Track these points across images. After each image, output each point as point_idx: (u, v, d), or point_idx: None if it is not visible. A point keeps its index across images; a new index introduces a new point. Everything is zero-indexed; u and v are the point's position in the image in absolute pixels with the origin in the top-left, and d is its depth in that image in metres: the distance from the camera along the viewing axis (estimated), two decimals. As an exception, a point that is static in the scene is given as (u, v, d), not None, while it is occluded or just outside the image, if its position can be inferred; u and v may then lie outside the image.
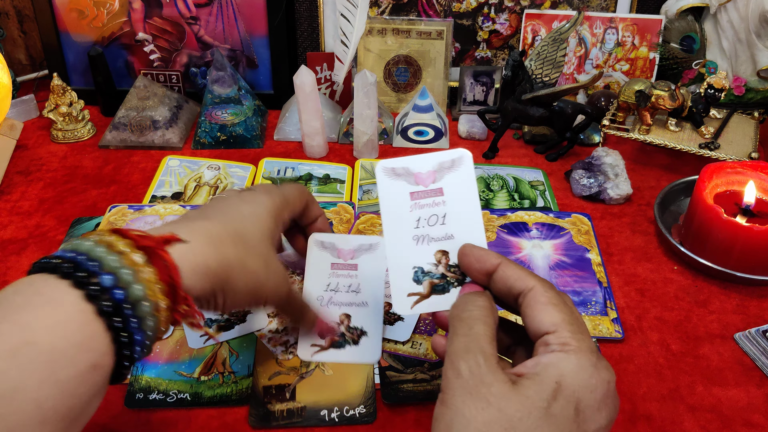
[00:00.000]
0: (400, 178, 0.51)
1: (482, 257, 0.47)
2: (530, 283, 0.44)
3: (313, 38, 1.14)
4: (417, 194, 0.51)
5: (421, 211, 0.51)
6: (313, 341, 0.59)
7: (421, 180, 0.51)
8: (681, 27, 1.09)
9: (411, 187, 0.51)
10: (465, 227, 0.50)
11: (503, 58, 1.15)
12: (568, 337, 0.42)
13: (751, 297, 0.75)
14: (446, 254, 0.50)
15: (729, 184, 0.83)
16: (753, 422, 0.61)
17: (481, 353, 0.41)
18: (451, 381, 0.41)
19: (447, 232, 0.50)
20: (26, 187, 0.93)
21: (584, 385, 0.40)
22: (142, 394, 0.62)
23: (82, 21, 1.10)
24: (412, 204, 0.51)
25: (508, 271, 0.46)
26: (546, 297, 0.43)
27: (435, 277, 0.50)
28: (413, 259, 0.50)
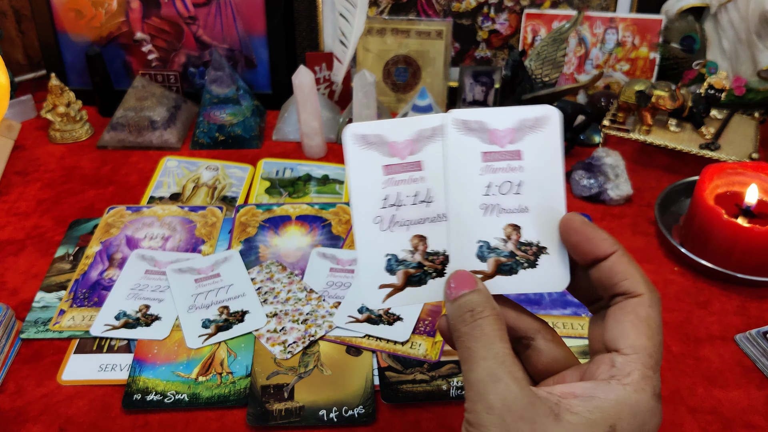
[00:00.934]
0: (472, 134, 0.42)
1: (595, 238, 0.39)
2: (641, 289, 0.38)
3: (311, 38, 1.14)
4: (490, 155, 0.42)
5: (494, 176, 0.43)
6: (381, 281, 0.44)
7: (497, 139, 0.43)
8: (681, 27, 1.08)
9: (484, 146, 0.42)
10: (544, 200, 0.43)
11: (503, 58, 1.15)
12: (640, 371, 0.36)
13: (752, 298, 0.75)
14: (517, 230, 0.43)
15: (729, 184, 0.83)
16: (753, 424, 0.61)
17: (513, 379, 0.36)
18: (483, 416, 0.35)
19: (521, 204, 0.43)
20: (24, 188, 0.93)
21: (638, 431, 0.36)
22: (140, 396, 0.62)
23: (80, 21, 1.09)
24: (483, 166, 0.43)
25: (621, 266, 0.38)
26: (647, 313, 0.37)
27: (503, 255, 0.43)
28: (479, 232, 0.43)
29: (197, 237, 0.82)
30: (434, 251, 0.43)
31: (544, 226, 0.43)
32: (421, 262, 0.43)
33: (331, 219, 0.85)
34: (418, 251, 0.43)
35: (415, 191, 0.43)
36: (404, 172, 0.43)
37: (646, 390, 0.36)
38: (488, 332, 0.38)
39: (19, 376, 0.65)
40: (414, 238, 0.43)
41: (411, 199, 0.43)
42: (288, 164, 0.98)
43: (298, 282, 0.75)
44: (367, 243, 0.43)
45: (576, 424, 0.35)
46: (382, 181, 0.43)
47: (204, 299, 0.72)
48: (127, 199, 0.91)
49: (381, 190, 0.43)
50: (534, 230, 0.43)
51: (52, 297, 0.73)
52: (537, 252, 0.43)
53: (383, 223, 0.43)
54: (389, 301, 0.44)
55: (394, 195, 0.43)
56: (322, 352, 0.67)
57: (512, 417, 0.35)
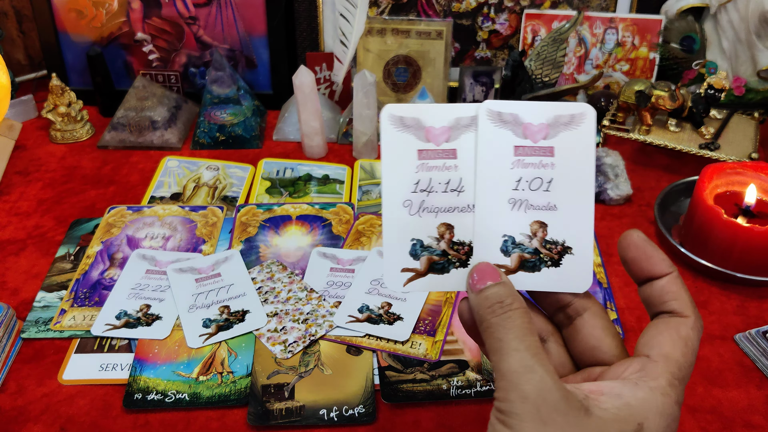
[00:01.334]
0: (506, 126, 0.42)
1: (654, 257, 0.41)
2: (688, 312, 0.39)
3: (312, 38, 1.14)
4: (523, 149, 0.42)
5: (525, 170, 0.42)
6: (404, 264, 0.44)
7: (530, 133, 0.42)
8: (681, 27, 1.08)
9: (517, 139, 0.42)
10: (574, 200, 0.42)
11: (503, 58, 1.15)
12: (667, 378, 0.37)
13: (752, 298, 0.75)
14: (544, 227, 0.42)
15: (729, 184, 0.83)
16: (753, 423, 0.61)
17: (547, 372, 0.36)
18: (517, 405, 0.36)
19: (550, 202, 0.42)
20: (25, 188, 0.93)
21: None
22: (141, 395, 0.62)
23: (81, 21, 1.09)
24: (515, 160, 0.42)
25: (674, 287, 0.40)
26: (687, 333, 0.39)
27: (527, 251, 0.42)
28: (505, 226, 0.42)
29: (198, 237, 0.82)
30: (460, 241, 0.43)
31: (572, 225, 0.42)
32: (445, 251, 0.43)
33: (332, 219, 0.85)
34: (444, 239, 0.43)
35: (447, 179, 0.43)
36: (438, 158, 0.43)
37: (671, 395, 0.37)
38: (519, 324, 0.38)
39: (20, 375, 0.65)
40: (441, 225, 0.43)
41: (442, 187, 0.43)
42: (288, 164, 0.98)
43: (299, 281, 0.75)
44: (394, 225, 0.43)
45: (606, 420, 0.36)
46: (415, 165, 0.42)
47: (205, 299, 0.72)
48: (128, 198, 0.91)
49: (413, 174, 0.43)
50: (561, 229, 0.42)
51: (53, 297, 0.73)
52: (562, 251, 0.43)
53: (412, 207, 0.43)
54: (410, 285, 0.44)
55: (426, 180, 0.43)
56: (322, 351, 0.67)
57: (547, 408, 0.35)
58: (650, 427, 0.36)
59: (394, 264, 0.43)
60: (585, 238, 0.43)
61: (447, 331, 0.69)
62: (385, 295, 0.72)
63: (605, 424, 0.36)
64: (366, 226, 0.83)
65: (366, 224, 0.83)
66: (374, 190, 0.92)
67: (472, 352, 0.67)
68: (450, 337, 0.69)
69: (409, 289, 0.44)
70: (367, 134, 0.97)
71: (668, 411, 0.37)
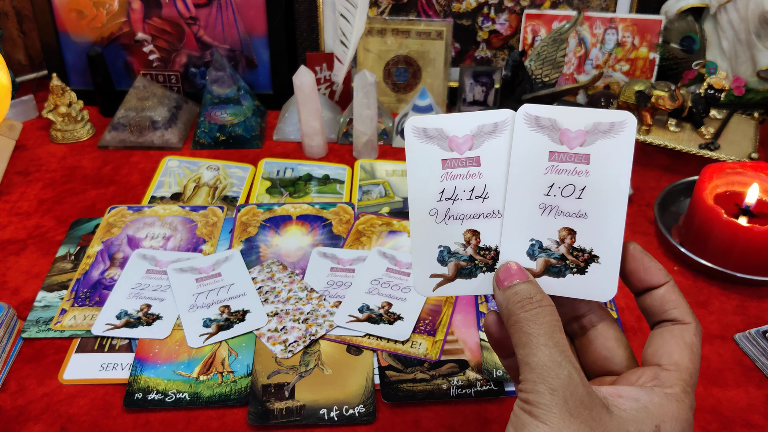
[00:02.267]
0: (542, 131, 0.42)
1: (652, 268, 0.42)
2: (689, 319, 0.41)
3: (312, 38, 1.14)
4: (558, 155, 0.42)
5: (558, 176, 0.42)
6: (432, 270, 0.45)
7: (567, 140, 0.42)
8: (681, 27, 1.09)
9: (553, 145, 0.41)
10: (605, 209, 0.42)
11: (503, 59, 1.15)
12: (681, 386, 0.39)
13: (751, 298, 0.75)
14: (573, 234, 0.42)
15: (729, 184, 0.83)
16: (753, 423, 0.61)
17: (575, 369, 0.38)
18: (545, 396, 0.37)
19: (581, 209, 0.42)
20: (25, 188, 0.93)
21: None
22: (141, 395, 0.62)
23: (82, 21, 1.09)
24: (549, 166, 0.42)
25: (673, 295, 0.42)
26: (691, 340, 0.40)
27: (554, 257, 0.43)
28: (533, 230, 0.43)
29: (198, 237, 0.82)
30: (486, 246, 0.44)
31: (601, 234, 0.42)
32: (472, 256, 0.44)
33: (332, 219, 0.85)
34: (471, 245, 0.44)
35: (472, 186, 0.43)
36: (462, 167, 0.43)
37: (685, 402, 0.39)
38: (549, 321, 0.39)
39: (20, 375, 0.65)
40: (467, 232, 0.44)
41: (467, 194, 0.43)
42: (289, 164, 0.98)
43: (299, 281, 0.75)
44: (421, 234, 0.44)
45: (626, 419, 0.37)
46: (439, 174, 0.43)
47: (205, 298, 0.72)
48: (129, 198, 0.91)
49: (438, 184, 0.43)
50: (589, 237, 0.42)
51: (53, 296, 0.73)
52: (588, 259, 0.43)
53: (438, 215, 0.44)
54: (439, 290, 0.44)
55: (451, 189, 0.44)
56: (322, 351, 0.67)
57: (574, 401, 0.37)
58: (667, 429, 0.38)
59: (423, 270, 0.44)
60: (613, 248, 0.42)
61: (447, 330, 0.69)
62: (385, 295, 0.72)
63: (625, 423, 0.37)
64: (366, 226, 0.83)
65: (366, 224, 0.84)
66: (374, 190, 0.92)
67: (472, 351, 0.67)
68: (450, 336, 0.69)
69: (438, 294, 0.45)
70: (368, 134, 0.97)
71: (683, 416, 0.38)
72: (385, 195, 0.91)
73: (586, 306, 0.44)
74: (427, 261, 0.44)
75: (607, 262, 0.42)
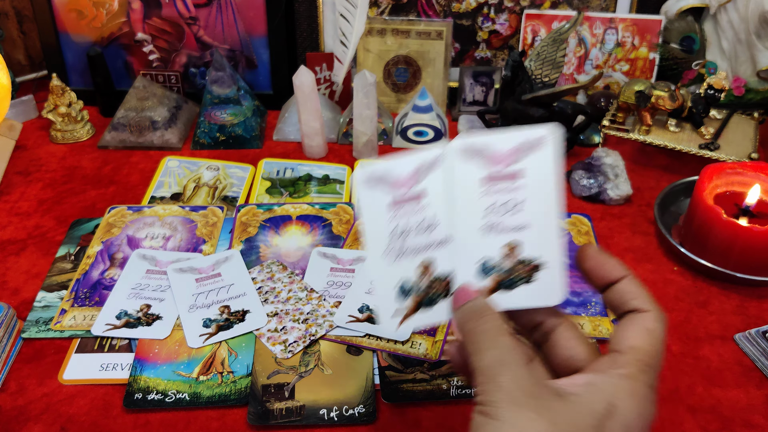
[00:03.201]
0: (474, 159, 0.44)
1: (608, 264, 0.44)
2: (649, 306, 0.42)
3: (312, 38, 1.14)
4: (492, 177, 0.44)
5: (495, 196, 0.44)
6: (394, 307, 0.46)
7: (498, 161, 0.44)
8: (681, 27, 1.09)
9: (486, 170, 0.44)
10: (543, 217, 0.44)
11: (503, 59, 1.15)
12: (637, 366, 0.40)
13: (751, 298, 0.75)
14: (516, 247, 0.45)
15: (729, 184, 0.83)
16: (753, 423, 0.61)
17: (520, 365, 0.39)
18: (494, 394, 0.39)
19: (521, 222, 0.44)
20: (25, 188, 0.93)
21: (636, 413, 0.39)
22: (141, 395, 0.62)
23: (82, 21, 1.09)
24: (485, 189, 0.44)
25: (632, 287, 0.43)
26: (653, 326, 0.42)
27: (503, 272, 0.45)
28: (480, 251, 0.45)
29: (198, 237, 0.82)
30: (440, 275, 0.45)
31: (542, 243, 0.44)
32: (428, 286, 0.46)
33: (332, 219, 0.85)
34: (425, 277, 0.45)
35: (421, 218, 0.45)
36: (409, 203, 0.45)
37: (641, 379, 0.40)
38: (492, 326, 0.42)
39: (20, 375, 0.65)
40: (421, 264, 0.45)
41: (416, 227, 0.45)
42: (289, 164, 0.98)
43: (299, 281, 0.75)
44: (380, 276, 0.46)
45: (577, 403, 0.39)
46: (389, 215, 0.45)
47: (205, 299, 0.72)
48: (128, 199, 0.91)
49: (389, 224, 0.45)
50: (533, 247, 0.44)
51: (53, 296, 0.73)
52: (533, 269, 0.45)
53: (392, 254, 0.45)
54: (404, 325, 0.46)
55: (402, 225, 0.45)
56: (322, 351, 0.67)
57: (521, 394, 0.38)
58: (622, 407, 0.38)
59: (386, 310, 0.46)
60: (555, 254, 0.45)
61: (447, 330, 0.69)
62: None
63: (576, 405, 0.39)
64: (366, 226, 0.83)
65: (366, 224, 0.83)
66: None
67: (472, 351, 0.67)
68: (450, 336, 0.69)
69: (403, 329, 0.46)
70: (368, 134, 0.97)
71: (640, 392, 0.39)
72: (385, 195, 0.91)
73: (541, 313, 0.45)
74: (388, 300, 0.46)
75: (551, 268, 0.45)
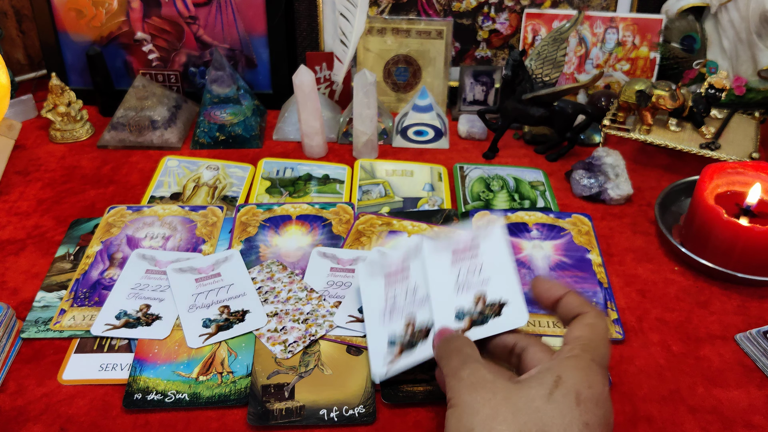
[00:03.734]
0: (444, 247, 0.63)
1: (551, 288, 0.55)
2: (587, 309, 0.52)
3: (312, 38, 1.14)
4: (458, 255, 0.62)
5: (461, 267, 0.62)
6: (385, 360, 0.61)
7: (461, 246, 0.63)
8: (681, 27, 1.08)
9: (453, 252, 0.63)
10: (500, 272, 0.60)
11: (503, 58, 1.15)
12: (579, 346, 0.48)
13: (752, 298, 0.75)
14: (483, 297, 0.60)
15: (730, 184, 0.83)
16: (754, 423, 0.61)
17: (478, 362, 0.49)
18: (455, 386, 0.47)
19: (484, 278, 0.60)
20: (24, 188, 0.93)
21: (582, 380, 0.46)
22: (141, 395, 0.62)
23: (81, 20, 1.09)
24: (453, 265, 0.62)
25: (573, 299, 0.53)
26: (593, 321, 0.51)
27: (475, 314, 0.59)
28: (455, 304, 0.60)
29: (198, 236, 0.82)
30: (420, 327, 0.60)
31: (503, 287, 0.60)
32: (411, 335, 0.60)
33: (332, 219, 0.85)
34: (409, 328, 0.61)
35: (405, 288, 0.63)
36: (398, 278, 0.64)
37: (584, 357, 0.48)
38: (457, 346, 0.53)
39: (19, 375, 0.65)
40: (406, 321, 0.61)
41: (403, 293, 0.63)
42: (288, 164, 0.98)
43: (299, 281, 0.75)
44: (374, 335, 0.63)
45: (528, 379, 0.47)
46: (385, 292, 0.64)
47: (204, 299, 0.72)
48: (128, 198, 0.91)
49: (384, 296, 0.64)
50: (496, 292, 0.59)
51: (52, 296, 0.73)
52: (500, 307, 0.59)
53: (385, 318, 0.63)
54: (391, 370, 0.60)
55: (392, 295, 0.64)
56: (322, 351, 0.67)
57: (477, 380, 0.47)
58: (567, 377, 0.46)
59: (378, 362, 0.61)
60: (515, 292, 0.59)
61: (447, 331, 0.69)
62: None
63: (527, 382, 0.46)
64: (366, 226, 0.83)
65: (366, 224, 0.83)
66: (374, 190, 0.92)
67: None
68: (450, 337, 0.69)
69: (391, 374, 0.60)
70: (368, 134, 0.97)
71: (583, 365, 0.47)
72: (385, 195, 0.91)
73: (512, 337, 0.56)
74: (380, 354, 0.61)
75: (513, 301, 0.59)
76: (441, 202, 0.90)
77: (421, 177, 0.95)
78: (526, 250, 0.80)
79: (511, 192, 0.92)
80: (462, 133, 1.06)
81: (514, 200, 0.90)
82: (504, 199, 0.90)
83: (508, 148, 1.04)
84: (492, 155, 1.01)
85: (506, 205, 0.89)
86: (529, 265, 0.78)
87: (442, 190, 0.92)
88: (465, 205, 0.89)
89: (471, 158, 1.01)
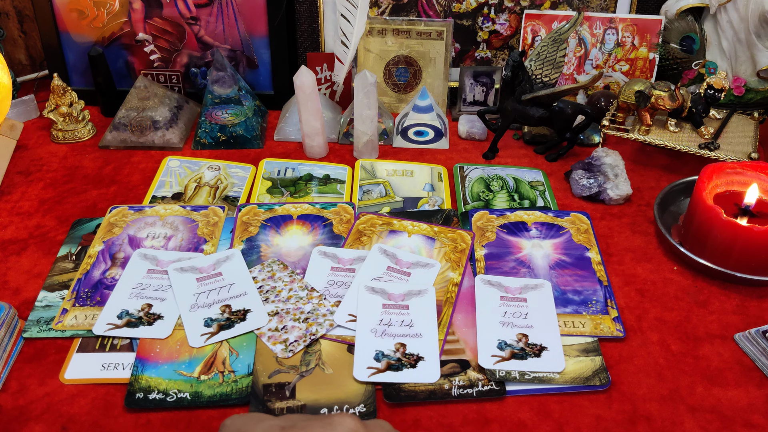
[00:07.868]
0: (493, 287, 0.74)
1: None
2: None
3: (313, 39, 1.14)
4: (505, 298, 0.73)
5: (508, 308, 0.72)
6: (369, 365, 0.65)
7: (509, 291, 0.74)
8: (681, 27, 1.09)
9: (501, 293, 0.73)
10: (544, 324, 0.70)
11: (503, 59, 1.15)
12: None
13: (751, 297, 0.75)
14: (526, 336, 0.68)
15: (729, 184, 0.83)
16: (753, 422, 0.61)
17: None
18: None
19: (528, 324, 0.70)
20: (26, 188, 0.93)
21: None
22: (142, 394, 0.62)
23: (83, 21, 1.10)
24: (501, 303, 0.72)
25: None
26: None
27: (516, 348, 0.67)
28: (500, 334, 0.69)
29: (199, 236, 0.82)
30: (410, 353, 0.66)
31: (545, 336, 0.69)
32: (400, 358, 0.65)
33: (333, 218, 0.85)
34: (399, 351, 0.66)
35: (401, 320, 0.69)
36: (396, 309, 0.70)
37: None
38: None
39: (21, 375, 0.65)
40: (397, 343, 0.67)
41: (398, 323, 0.69)
42: (289, 164, 0.98)
43: (300, 281, 0.75)
44: (364, 343, 0.67)
45: None
46: (381, 312, 0.70)
47: (206, 298, 0.72)
48: (130, 198, 0.91)
49: (379, 316, 0.70)
50: (538, 337, 0.68)
51: (54, 296, 0.73)
52: (540, 349, 0.67)
53: (377, 333, 0.68)
54: (373, 378, 0.63)
55: (387, 319, 0.69)
56: (323, 350, 0.67)
57: None
58: None
59: (362, 364, 0.65)
60: (555, 343, 0.68)
61: (447, 330, 0.69)
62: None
63: None
64: (367, 225, 0.83)
65: (367, 224, 0.84)
66: (375, 190, 0.92)
67: (473, 351, 0.67)
68: (451, 336, 0.69)
69: (372, 380, 0.63)
70: (368, 134, 0.97)
71: None
72: (386, 195, 0.91)
73: None
74: (366, 359, 0.65)
75: (553, 350, 0.67)
76: (441, 202, 0.90)
77: (422, 177, 0.95)
78: (526, 249, 0.81)
79: (511, 192, 0.92)
80: (462, 134, 1.06)
81: (514, 200, 0.90)
82: (504, 199, 0.91)
83: (507, 149, 1.04)
84: (492, 155, 1.01)
85: (506, 205, 0.89)
86: (529, 264, 0.78)
87: (442, 190, 0.93)
88: (465, 205, 0.89)
89: (471, 158, 1.01)
